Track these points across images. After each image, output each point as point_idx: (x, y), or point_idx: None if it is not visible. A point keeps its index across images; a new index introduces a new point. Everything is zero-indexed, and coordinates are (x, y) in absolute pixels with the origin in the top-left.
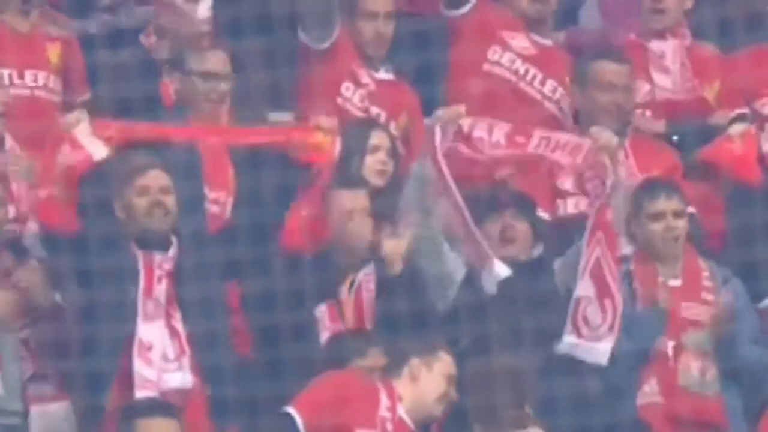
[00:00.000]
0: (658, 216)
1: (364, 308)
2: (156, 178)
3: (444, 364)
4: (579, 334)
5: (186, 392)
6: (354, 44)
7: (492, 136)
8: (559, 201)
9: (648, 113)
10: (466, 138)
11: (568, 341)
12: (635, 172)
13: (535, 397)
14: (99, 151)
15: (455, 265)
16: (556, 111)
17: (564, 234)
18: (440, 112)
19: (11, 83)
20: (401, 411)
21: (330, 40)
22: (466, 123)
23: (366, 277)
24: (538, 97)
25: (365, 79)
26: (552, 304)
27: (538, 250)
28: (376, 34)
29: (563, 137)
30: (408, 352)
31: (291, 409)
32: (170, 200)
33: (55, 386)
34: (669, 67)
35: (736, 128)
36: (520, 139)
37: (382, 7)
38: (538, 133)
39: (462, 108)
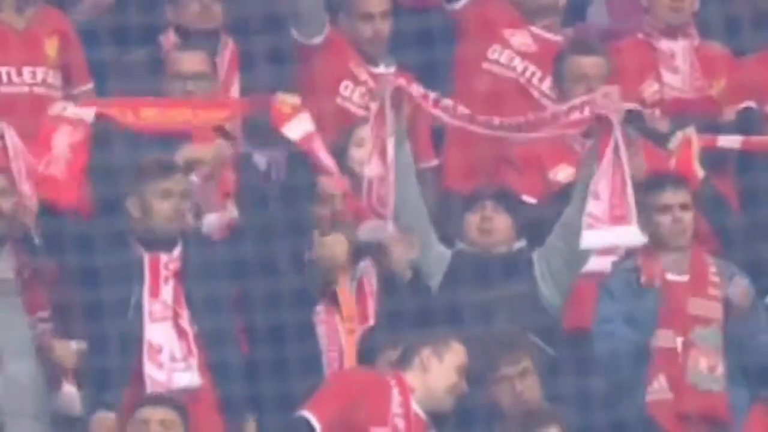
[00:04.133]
0: (666, 209)
1: (368, 304)
2: (179, 183)
3: (456, 354)
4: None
5: (194, 392)
6: (350, 43)
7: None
8: (550, 193)
9: (657, 112)
10: (435, 103)
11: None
12: None
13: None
14: (90, 117)
15: (438, 260)
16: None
17: (546, 223)
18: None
19: (10, 81)
20: (414, 404)
21: (321, 35)
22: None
23: (366, 269)
24: (536, 94)
25: (363, 75)
26: (530, 298)
27: (520, 245)
28: (374, 33)
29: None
30: (419, 342)
31: (307, 413)
32: (187, 206)
33: None
34: (679, 67)
35: (674, 140)
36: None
37: (377, 7)
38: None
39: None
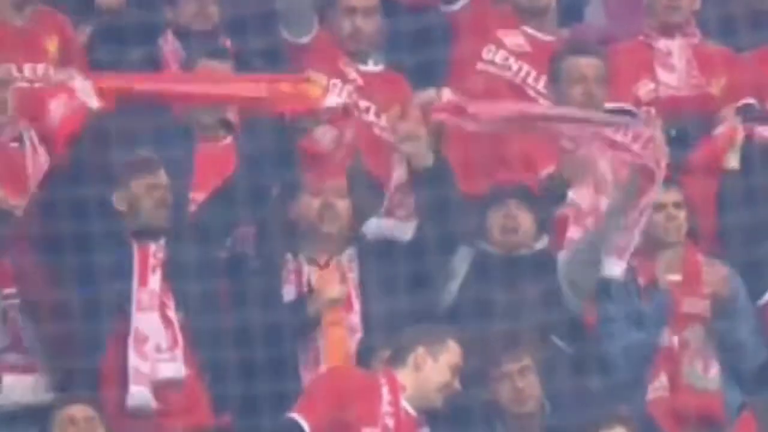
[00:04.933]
0: (659, 207)
1: (351, 291)
2: (163, 176)
3: (451, 353)
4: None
5: (179, 382)
6: (337, 40)
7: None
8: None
9: (653, 111)
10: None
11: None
12: None
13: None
14: (93, 102)
15: (461, 260)
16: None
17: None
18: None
19: (12, 77)
20: (404, 401)
21: (310, 34)
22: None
23: (349, 264)
24: (532, 93)
25: (352, 74)
26: (553, 298)
27: (542, 243)
28: (354, 29)
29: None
30: (415, 340)
31: (296, 415)
32: (170, 197)
33: (29, 358)
34: (675, 65)
35: (720, 128)
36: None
37: (360, 1)
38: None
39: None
